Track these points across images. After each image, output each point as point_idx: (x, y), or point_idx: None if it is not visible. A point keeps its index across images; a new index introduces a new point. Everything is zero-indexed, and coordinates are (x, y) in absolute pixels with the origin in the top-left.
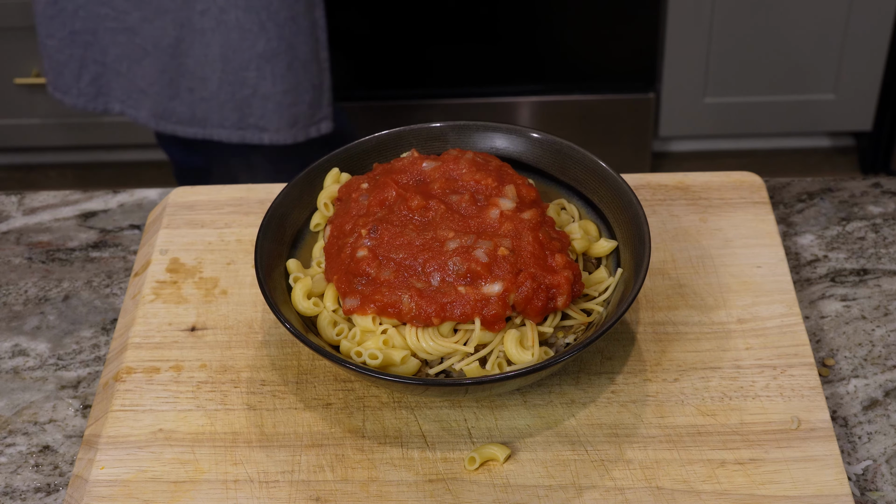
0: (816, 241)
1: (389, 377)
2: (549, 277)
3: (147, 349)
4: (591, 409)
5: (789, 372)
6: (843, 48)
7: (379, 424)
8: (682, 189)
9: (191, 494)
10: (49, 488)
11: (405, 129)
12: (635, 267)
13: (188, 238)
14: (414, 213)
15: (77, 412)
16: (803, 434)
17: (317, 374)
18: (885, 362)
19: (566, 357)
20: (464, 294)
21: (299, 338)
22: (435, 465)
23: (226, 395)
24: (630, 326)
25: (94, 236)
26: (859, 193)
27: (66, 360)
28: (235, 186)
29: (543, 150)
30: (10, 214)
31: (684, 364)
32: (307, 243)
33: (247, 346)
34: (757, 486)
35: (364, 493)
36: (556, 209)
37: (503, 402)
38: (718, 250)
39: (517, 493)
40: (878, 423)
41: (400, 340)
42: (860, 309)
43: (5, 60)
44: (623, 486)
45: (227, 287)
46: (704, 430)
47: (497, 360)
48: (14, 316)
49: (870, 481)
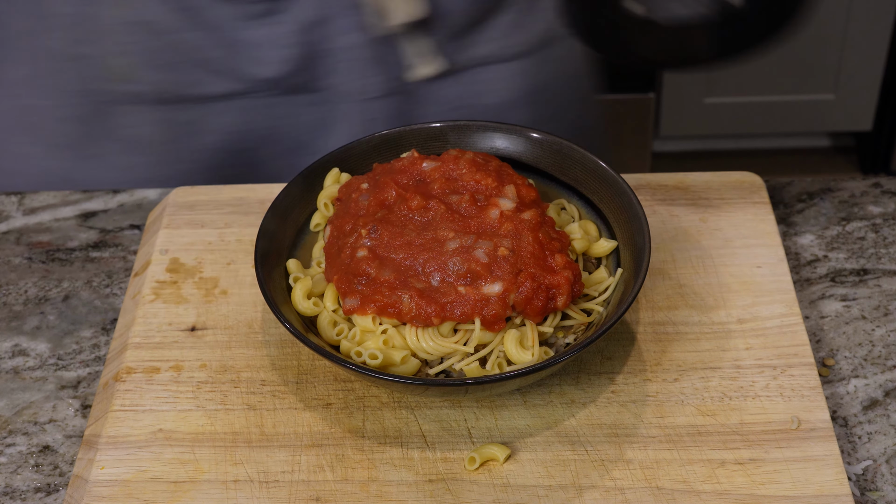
0: (816, 241)
1: (389, 377)
2: (549, 277)
3: (147, 349)
4: (591, 409)
5: (789, 372)
6: (843, 48)
7: (379, 424)
8: (682, 189)
9: (191, 494)
10: (49, 488)
11: (405, 128)
12: (635, 267)
13: (188, 238)
14: (414, 214)
15: (77, 412)
16: (803, 434)
17: (317, 374)
18: (885, 362)
19: (566, 357)
20: (464, 294)
21: (299, 338)
22: (435, 465)
23: (226, 395)
24: (630, 326)
25: (94, 236)
26: (859, 193)
27: (66, 360)
28: (235, 186)
29: (543, 150)
30: (10, 214)
31: (684, 364)
32: (307, 243)
33: (247, 346)
34: (757, 486)
35: (364, 493)
36: (556, 209)
37: (503, 402)
38: (718, 250)
39: (517, 493)
40: (878, 423)
41: (400, 340)
42: (860, 309)
43: None
44: (623, 486)
45: (227, 287)
46: (704, 430)
47: (497, 360)
48: (14, 316)
49: (870, 481)
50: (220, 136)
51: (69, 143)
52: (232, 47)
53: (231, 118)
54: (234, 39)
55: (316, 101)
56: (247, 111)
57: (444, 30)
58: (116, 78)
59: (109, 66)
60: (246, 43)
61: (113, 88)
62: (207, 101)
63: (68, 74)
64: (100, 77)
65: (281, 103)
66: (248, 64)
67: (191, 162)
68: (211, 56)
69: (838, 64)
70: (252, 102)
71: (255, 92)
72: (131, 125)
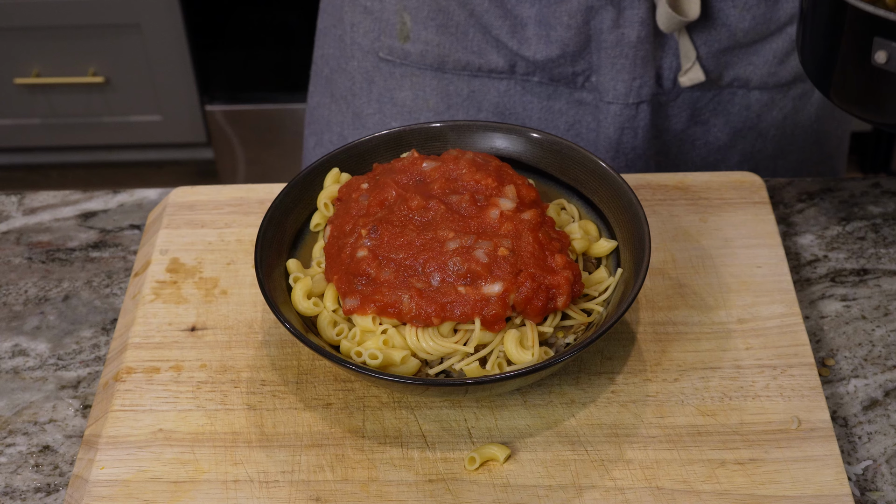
0: (816, 241)
1: (389, 377)
2: (549, 278)
3: (147, 349)
4: (591, 409)
5: (789, 372)
6: None
7: (379, 424)
8: (682, 189)
9: (191, 494)
10: (49, 488)
11: (405, 128)
12: (635, 267)
13: (188, 238)
14: (414, 214)
15: (77, 412)
16: (803, 434)
17: (317, 374)
18: (885, 362)
19: (566, 357)
20: (464, 294)
21: (299, 338)
22: (435, 465)
23: (226, 395)
24: (630, 326)
25: (94, 236)
26: (859, 193)
27: (66, 360)
28: (235, 186)
29: (543, 150)
30: (10, 214)
31: (684, 364)
32: (307, 243)
33: (247, 346)
34: (757, 486)
35: (364, 493)
36: (556, 209)
37: (503, 402)
38: (718, 250)
39: (517, 493)
40: (878, 423)
41: (400, 340)
42: (860, 309)
43: (5, 60)
44: (623, 486)
45: (227, 287)
46: (704, 430)
47: (497, 360)
48: (14, 316)
49: (870, 481)
50: (489, 114)
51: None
52: (511, 19)
53: (494, 97)
54: (515, 13)
55: (577, 97)
56: (509, 94)
57: (719, 42)
58: (399, 36)
59: (392, 22)
60: (523, 18)
61: (397, 46)
62: (480, 76)
63: (360, 28)
64: (386, 32)
65: (538, 91)
66: (519, 42)
67: None
68: (491, 24)
69: None
70: (514, 86)
71: (521, 74)
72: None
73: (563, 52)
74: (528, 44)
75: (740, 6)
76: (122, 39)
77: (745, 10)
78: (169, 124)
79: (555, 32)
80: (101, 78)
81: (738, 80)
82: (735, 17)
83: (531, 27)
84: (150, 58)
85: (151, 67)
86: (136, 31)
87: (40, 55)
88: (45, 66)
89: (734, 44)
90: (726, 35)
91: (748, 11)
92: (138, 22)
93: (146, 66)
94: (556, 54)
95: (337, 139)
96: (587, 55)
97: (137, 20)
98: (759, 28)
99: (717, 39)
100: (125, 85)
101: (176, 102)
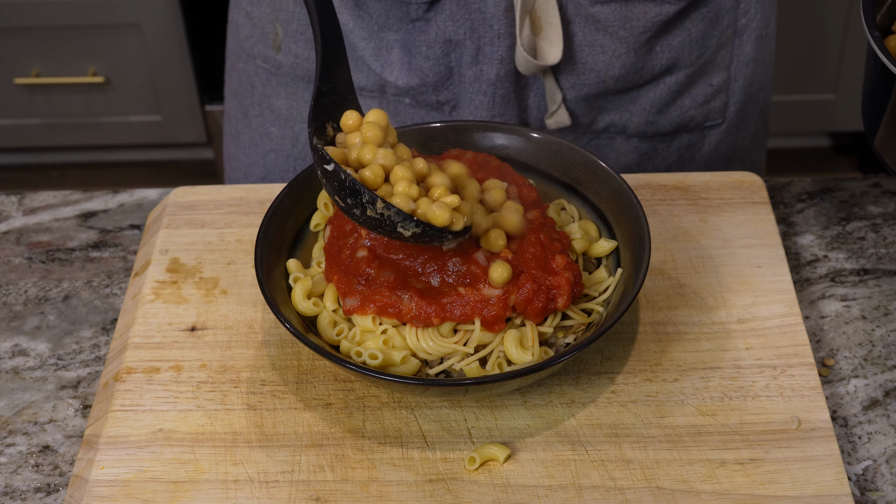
0: (816, 241)
1: (389, 377)
2: (549, 279)
3: (147, 349)
4: (591, 409)
5: (789, 372)
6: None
7: (379, 424)
8: (682, 189)
9: (191, 494)
10: (49, 488)
11: (405, 128)
12: (635, 267)
13: (188, 238)
14: None
15: (77, 412)
16: (803, 434)
17: (317, 374)
18: (885, 362)
19: (566, 357)
20: (464, 294)
21: (299, 338)
22: (435, 465)
23: (226, 395)
24: (630, 326)
25: (94, 236)
26: (859, 193)
27: (66, 360)
28: (235, 186)
29: (543, 150)
30: (10, 214)
31: (684, 364)
32: (307, 243)
33: (247, 346)
34: (757, 486)
35: (364, 493)
36: (556, 209)
37: (503, 402)
38: (718, 250)
39: (517, 493)
40: (878, 423)
41: (400, 340)
42: (860, 309)
43: (5, 60)
44: (623, 486)
45: (227, 287)
46: (704, 430)
47: (497, 360)
48: (14, 316)
49: (870, 481)
50: None
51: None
52: (377, 42)
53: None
54: (380, 36)
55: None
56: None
57: (587, 87)
58: (273, 46)
59: (267, 31)
60: (389, 42)
61: (272, 55)
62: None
63: (243, 31)
64: (262, 40)
65: (412, 112)
66: (383, 66)
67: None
68: (357, 44)
69: (838, 64)
70: (386, 105)
71: (392, 95)
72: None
73: (423, 81)
74: (391, 68)
75: (609, 53)
76: (122, 39)
77: (614, 58)
78: (169, 124)
79: (415, 61)
80: (101, 78)
81: (613, 126)
82: (603, 63)
83: (396, 52)
84: (150, 58)
85: (151, 67)
86: (136, 31)
87: (40, 55)
88: (45, 66)
89: (605, 90)
90: (595, 80)
91: (617, 59)
92: (138, 22)
93: (146, 66)
94: (417, 83)
95: (232, 132)
96: (450, 86)
97: (137, 20)
98: (630, 77)
99: (586, 84)
100: (125, 85)
101: (176, 102)
